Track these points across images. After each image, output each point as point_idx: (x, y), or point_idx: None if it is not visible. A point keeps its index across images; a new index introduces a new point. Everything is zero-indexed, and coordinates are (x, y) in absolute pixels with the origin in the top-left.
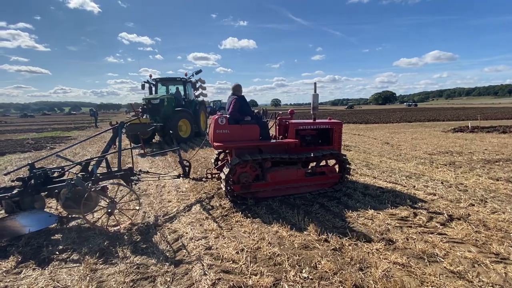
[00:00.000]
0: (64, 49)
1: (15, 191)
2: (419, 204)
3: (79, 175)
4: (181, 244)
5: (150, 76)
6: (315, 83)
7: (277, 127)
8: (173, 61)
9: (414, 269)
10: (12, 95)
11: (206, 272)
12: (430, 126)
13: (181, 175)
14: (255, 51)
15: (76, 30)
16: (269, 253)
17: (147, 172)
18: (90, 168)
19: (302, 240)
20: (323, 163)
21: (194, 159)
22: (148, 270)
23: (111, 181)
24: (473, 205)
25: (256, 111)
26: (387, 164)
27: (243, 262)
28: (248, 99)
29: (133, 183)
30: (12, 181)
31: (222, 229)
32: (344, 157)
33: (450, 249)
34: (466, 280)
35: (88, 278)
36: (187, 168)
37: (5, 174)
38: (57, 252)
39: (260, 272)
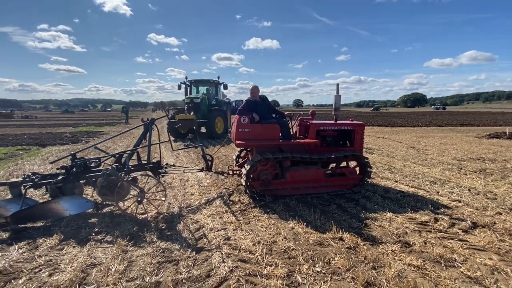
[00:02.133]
0: (98, 49)
1: (59, 178)
2: (442, 210)
3: (113, 166)
4: (202, 233)
5: (186, 77)
6: (337, 84)
7: (298, 127)
8: (198, 61)
9: (429, 272)
10: (51, 92)
11: (225, 260)
12: (463, 131)
13: (204, 169)
14: (278, 51)
15: (110, 31)
16: (284, 247)
17: (173, 166)
18: (123, 160)
19: (317, 237)
20: (343, 164)
21: (215, 156)
22: (172, 255)
23: (141, 172)
24: (501, 213)
25: (287, 113)
26: (410, 169)
27: (259, 254)
28: (270, 99)
29: (160, 175)
30: (57, 168)
31: (240, 222)
32: (366, 160)
33: (470, 255)
34: (483, 286)
35: (120, 257)
36: (209, 163)
37: (51, 163)
38: (93, 234)
39: (275, 264)
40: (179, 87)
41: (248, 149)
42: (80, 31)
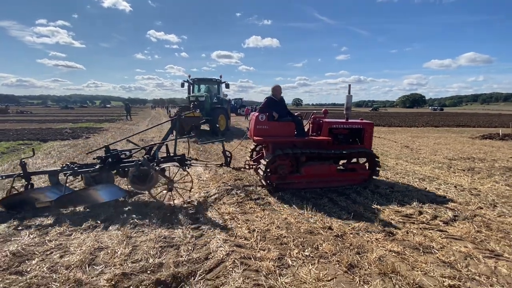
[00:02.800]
0: (97, 45)
1: (97, 167)
2: (427, 204)
3: (145, 157)
4: (201, 222)
5: (189, 76)
6: (349, 85)
7: (311, 125)
8: (197, 59)
9: (407, 257)
10: (49, 87)
11: (222, 245)
12: (458, 132)
13: (223, 164)
14: (278, 50)
15: (109, 27)
16: (277, 234)
17: (196, 159)
18: (151, 152)
19: (308, 226)
20: (353, 160)
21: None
22: (173, 240)
23: (169, 163)
24: (482, 208)
25: (297, 113)
26: (402, 167)
27: (254, 240)
28: None
29: (186, 167)
30: (94, 159)
31: (237, 213)
32: (376, 158)
33: (447, 243)
34: (455, 269)
35: (125, 242)
36: (228, 159)
37: (88, 153)
38: (99, 221)
39: (267, 248)
40: (182, 85)
41: (263, 145)
42: (79, 27)
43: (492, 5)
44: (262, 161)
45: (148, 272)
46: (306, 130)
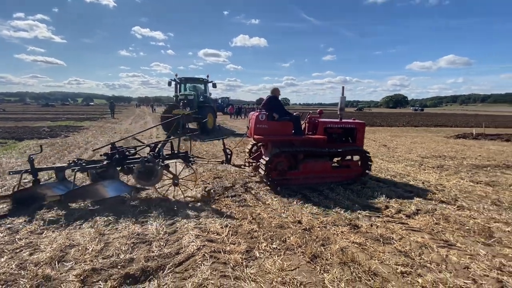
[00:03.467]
0: (79, 41)
1: (105, 163)
2: (394, 199)
3: (150, 154)
4: (175, 219)
5: (176, 75)
6: (343, 87)
7: (307, 124)
8: (184, 57)
9: (368, 247)
10: (28, 84)
11: (194, 240)
12: (435, 131)
13: (224, 161)
14: (265, 50)
15: (91, 23)
16: (249, 229)
17: (198, 157)
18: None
19: (279, 221)
20: (347, 158)
21: (221, 149)
22: (146, 237)
23: (174, 160)
24: (443, 202)
25: (295, 113)
26: (377, 164)
27: (225, 235)
28: (257, 97)
29: (190, 163)
30: (100, 155)
31: (212, 210)
32: (368, 154)
33: (406, 235)
34: (409, 257)
35: (97, 239)
36: (229, 156)
37: (94, 150)
38: (72, 220)
39: (238, 242)
40: (169, 84)
41: (262, 143)
42: (59, 21)
43: (472, 10)
44: (263, 158)
45: (118, 267)
46: (303, 129)
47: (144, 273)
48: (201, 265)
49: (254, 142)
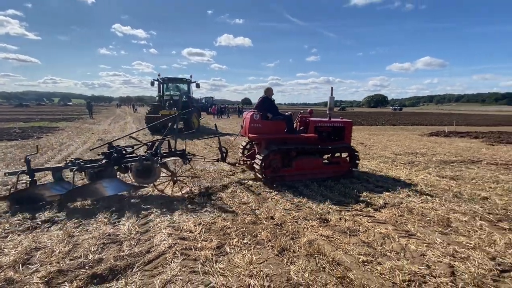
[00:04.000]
0: (55, 38)
1: (103, 162)
2: (364, 194)
3: (148, 152)
4: (149, 219)
5: (159, 75)
6: (331, 88)
7: (298, 123)
8: (167, 55)
9: (335, 239)
10: None
11: (166, 239)
12: (411, 129)
13: (220, 159)
14: (250, 49)
15: (68, 19)
16: (222, 226)
17: (194, 155)
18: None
19: (252, 218)
20: (336, 154)
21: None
22: (117, 237)
23: (171, 158)
24: (410, 196)
25: (287, 113)
26: None
27: (198, 232)
28: (242, 98)
29: (187, 161)
30: (98, 154)
31: (187, 209)
32: (356, 152)
33: (372, 227)
34: (371, 247)
35: (65, 241)
36: (224, 154)
37: (90, 150)
38: (39, 222)
39: (210, 239)
40: (152, 84)
41: (256, 142)
42: (33, 17)
43: (446, 14)
44: (258, 156)
45: (86, 267)
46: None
47: (112, 272)
48: (171, 262)
49: (248, 141)
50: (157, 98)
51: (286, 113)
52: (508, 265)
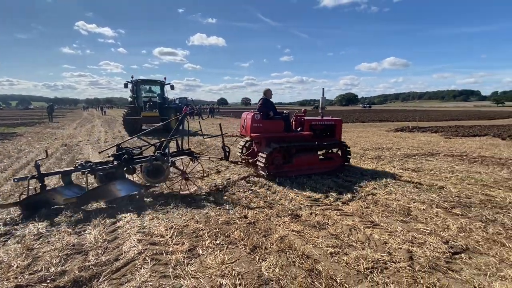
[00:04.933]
0: (11, 36)
1: (115, 164)
2: (334, 188)
3: (157, 152)
4: (117, 226)
5: (132, 77)
6: (323, 89)
7: (294, 122)
8: (137, 55)
9: (305, 234)
10: None
11: (135, 245)
12: (379, 126)
13: (223, 158)
14: (224, 49)
15: (27, 16)
16: (194, 228)
17: (200, 154)
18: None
19: (226, 218)
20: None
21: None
22: (82, 247)
23: (181, 157)
24: (375, 188)
25: (285, 111)
26: None
27: (170, 236)
28: (218, 98)
29: (195, 160)
30: (108, 156)
31: (158, 213)
32: (348, 148)
33: (340, 220)
34: (339, 239)
35: (24, 255)
36: (227, 153)
37: (100, 152)
38: None
39: (181, 242)
40: (126, 86)
41: (256, 140)
42: None
43: (408, 17)
44: (261, 154)
45: (48, 281)
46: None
47: (77, 284)
48: (140, 268)
49: (246, 140)
50: (131, 99)
51: (283, 113)
52: (459, 248)
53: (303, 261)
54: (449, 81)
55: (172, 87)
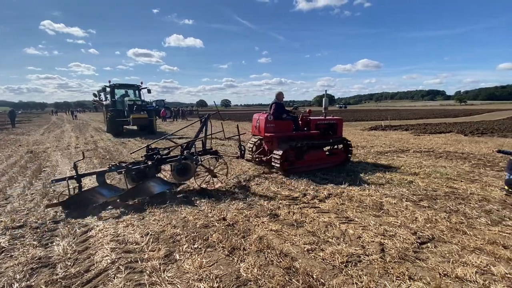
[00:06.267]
0: None
1: (149, 163)
2: (311, 187)
3: (186, 152)
4: (89, 235)
5: (109, 81)
6: (326, 90)
7: (300, 122)
8: (110, 56)
9: (283, 232)
10: None
11: (108, 254)
12: (355, 125)
13: (239, 157)
14: (202, 51)
15: None
16: (171, 233)
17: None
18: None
19: (204, 221)
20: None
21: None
22: (49, 260)
23: (208, 156)
24: (350, 185)
25: (292, 109)
26: None
27: (145, 243)
28: (197, 99)
29: (219, 158)
30: (142, 157)
31: (133, 220)
32: (349, 142)
33: (317, 217)
34: (315, 236)
35: None
36: (243, 152)
37: (132, 153)
38: None
39: (158, 249)
40: (104, 90)
41: (267, 140)
42: None
43: (378, 21)
44: (276, 152)
45: None
46: None
47: None
48: (114, 278)
49: (255, 140)
50: (111, 103)
51: (292, 113)
52: (426, 238)
53: (281, 260)
54: (417, 81)
55: (149, 91)
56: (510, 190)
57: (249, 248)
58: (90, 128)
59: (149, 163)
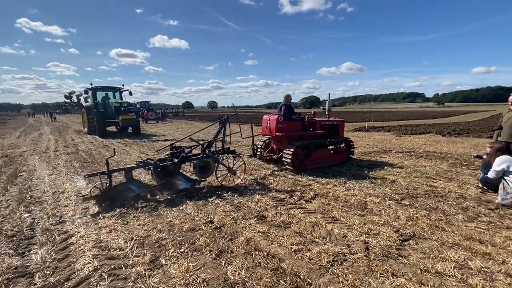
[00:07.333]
0: None
1: (176, 161)
2: (298, 188)
3: (208, 151)
4: (69, 242)
5: (91, 83)
6: (329, 94)
7: (306, 123)
8: (91, 56)
9: (271, 234)
10: None
11: (90, 262)
12: None
13: (251, 156)
14: (187, 52)
15: None
16: (157, 238)
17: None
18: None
19: (190, 225)
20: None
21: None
22: (27, 269)
23: (227, 155)
24: (336, 185)
25: (298, 112)
26: None
27: (130, 249)
28: (183, 101)
29: (238, 157)
30: (166, 155)
31: (117, 225)
32: (351, 143)
33: (304, 218)
34: (302, 236)
35: None
36: (255, 151)
37: (157, 150)
38: None
39: (143, 254)
40: (86, 92)
41: (276, 139)
42: None
43: (361, 25)
44: (287, 150)
45: None
46: None
47: None
48: (96, 286)
49: (264, 140)
50: (93, 105)
51: (300, 115)
52: (408, 235)
53: (269, 261)
54: (398, 84)
55: (130, 93)
56: (484, 188)
57: (236, 250)
58: (70, 130)
59: (175, 160)
